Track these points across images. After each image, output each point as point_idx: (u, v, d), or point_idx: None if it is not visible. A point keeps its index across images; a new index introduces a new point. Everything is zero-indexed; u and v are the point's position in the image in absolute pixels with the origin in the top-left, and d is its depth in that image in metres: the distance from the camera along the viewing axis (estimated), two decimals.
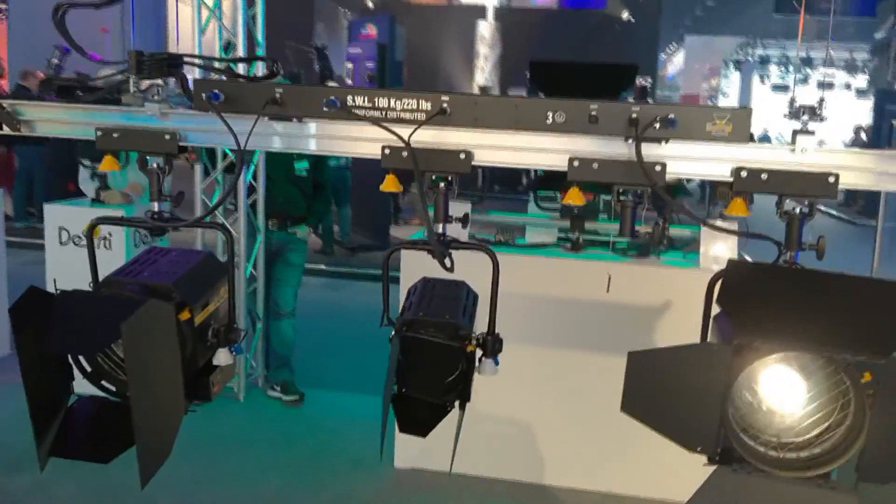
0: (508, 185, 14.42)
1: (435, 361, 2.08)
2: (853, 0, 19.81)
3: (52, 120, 2.33)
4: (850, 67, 24.94)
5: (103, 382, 2.27)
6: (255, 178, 5.98)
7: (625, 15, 20.73)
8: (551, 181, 4.53)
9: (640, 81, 4.30)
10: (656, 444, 2.00)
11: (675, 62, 34.18)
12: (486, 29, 21.56)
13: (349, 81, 14.93)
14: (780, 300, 1.80)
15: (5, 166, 11.59)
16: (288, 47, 17.99)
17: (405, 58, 15.54)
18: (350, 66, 19.67)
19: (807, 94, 24.53)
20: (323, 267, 10.71)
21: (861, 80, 23.49)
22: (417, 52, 19.01)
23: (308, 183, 6.09)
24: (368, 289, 9.57)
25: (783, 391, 1.98)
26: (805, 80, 24.42)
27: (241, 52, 5.76)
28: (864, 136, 18.46)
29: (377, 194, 10.33)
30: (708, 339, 2.06)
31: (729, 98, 30.67)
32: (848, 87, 24.06)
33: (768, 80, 28.14)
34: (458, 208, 2.31)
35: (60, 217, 5.78)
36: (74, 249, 5.61)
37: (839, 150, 1.93)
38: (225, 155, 5.77)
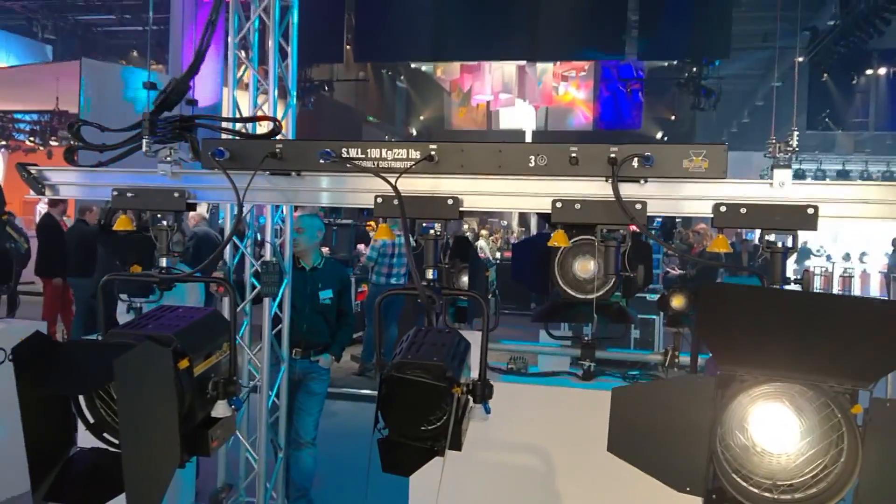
0: (519, 302, 14.34)
1: (422, 403, 2.08)
2: (888, 114, 19.97)
3: (73, 183, 2.48)
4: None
5: (105, 434, 2.32)
6: (280, 308, 5.91)
7: (659, 135, 21.16)
8: (556, 313, 4.54)
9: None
10: None
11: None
12: None
13: None
14: (762, 326, 1.78)
15: (61, 297, 11.87)
16: None
17: None
18: None
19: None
20: (353, 391, 10.55)
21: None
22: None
23: (333, 311, 6.08)
24: None
25: (776, 431, 1.94)
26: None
27: None
28: None
29: (412, 316, 10.35)
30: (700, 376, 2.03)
31: None
32: None
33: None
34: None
35: None
36: None
37: (816, 183, 1.98)
38: (253, 286, 5.79)
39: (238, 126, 2.56)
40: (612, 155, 2.03)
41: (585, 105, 25.47)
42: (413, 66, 27.47)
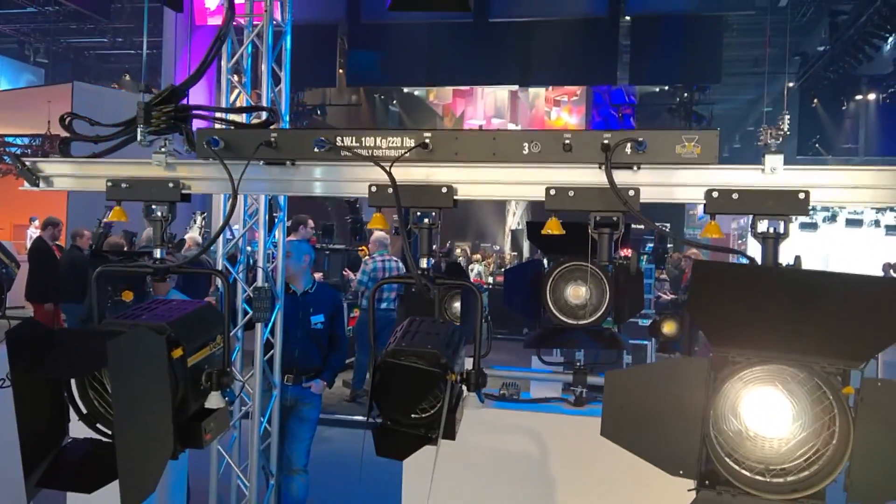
0: (511, 327, 14.29)
1: (416, 389, 2.08)
2: (878, 139, 20.13)
3: (68, 175, 2.48)
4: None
5: (98, 425, 2.31)
6: (272, 334, 5.87)
7: None
8: (548, 339, 4.54)
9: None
10: None
11: None
12: None
13: None
14: (755, 305, 1.79)
15: (51, 323, 11.73)
16: (328, 199, 18.66)
17: None
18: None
19: (834, 233, 24.46)
20: (344, 417, 10.41)
21: (889, 218, 23.41)
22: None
23: (324, 336, 6.03)
24: None
25: (768, 416, 1.94)
26: (833, 218, 24.44)
27: (262, 216, 5.85)
28: (892, 272, 18.25)
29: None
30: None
31: None
32: (877, 224, 23.99)
33: (796, 219, 28.15)
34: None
35: None
36: None
37: (808, 168, 1.98)
38: (245, 312, 5.74)
39: (232, 118, 2.56)
40: (605, 141, 2.04)
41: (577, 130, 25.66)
42: (406, 90, 27.58)
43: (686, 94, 20.76)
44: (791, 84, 21.05)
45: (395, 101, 28.46)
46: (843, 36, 18.79)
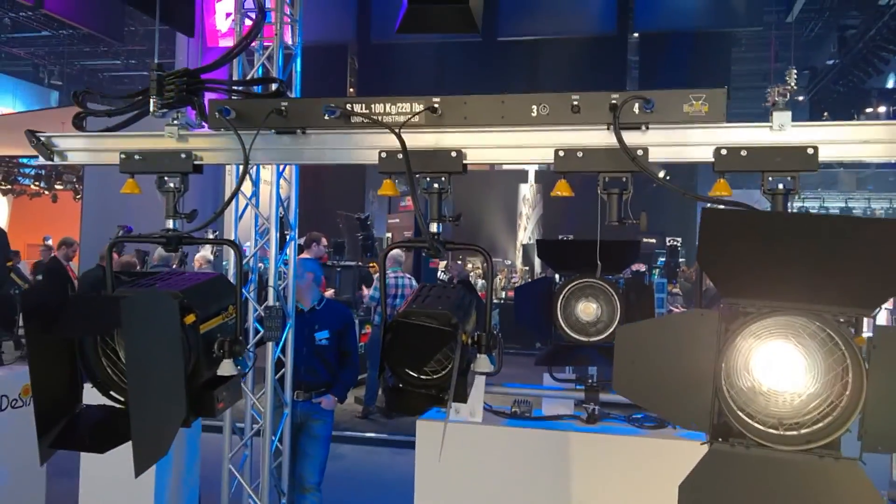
0: (522, 342, 14.23)
1: (428, 348, 2.09)
2: None
3: (81, 149, 2.52)
4: (892, 215, 24.90)
5: (112, 393, 2.32)
6: (283, 352, 5.91)
7: (661, 174, 21.29)
8: (560, 357, 4.53)
9: (670, 241, 4.41)
10: None
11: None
12: (527, 190, 22.29)
13: None
14: (764, 252, 1.78)
15: None
16: (339, 216, 18.74)
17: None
18: (389, 235, 20.41)
19: None
20: (357, 434, 10.23)
21: None
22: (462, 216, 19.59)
23: (330, 352, 6.04)
24: (400, 459, 8.93)
25: (781, 371, 1.92)
26: None
27: (273, 234, 5.92)
28: None
29: None
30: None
31: None
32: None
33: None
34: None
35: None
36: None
37: (816, 124, 1.99)
38: (256, 331, 5.83)
39: (244, 91, 2.59)
40: (613, 101, 2.06)
41: None
42: None
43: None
44: (801, 98, 21.05)
45: None
46: (851, 50, 18.82)
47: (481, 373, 2.20)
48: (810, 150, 1.97)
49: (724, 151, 2.02)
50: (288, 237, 6.06)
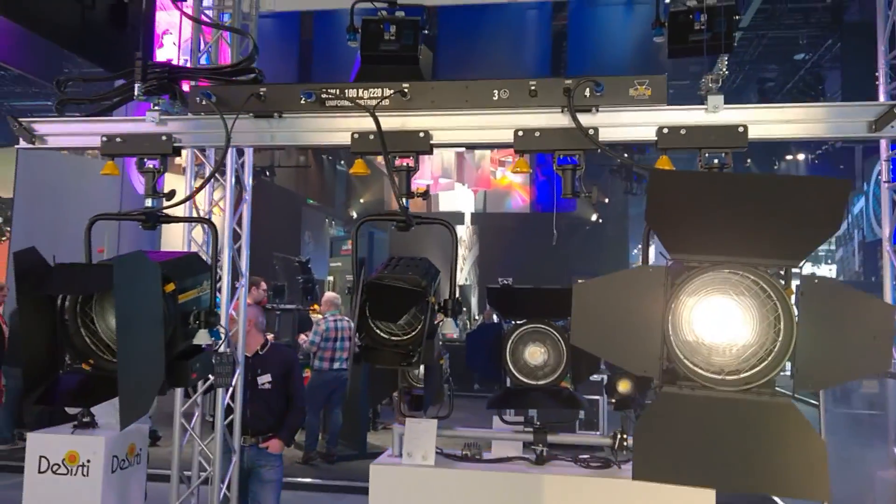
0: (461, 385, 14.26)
1: (400, 305, 2.25)
2: None
3: (63, 133, 2.63)
4: (814, 259, 25.84)
5: (90, 361, 2.41)
6: (232, 398, 5.92)
7: (594, 217, 21.93)
8: (509, 400, 4.68)
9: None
10: None
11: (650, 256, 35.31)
12: (463, 232, 22.61)
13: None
14: (705, 210, 2.00)
15: None
16: (276, 259, 18.64)
17: None
18: (331, 278, 20.36)
19: None
20: (298, 480, 10.12)
21: (825, 271, 24.30)
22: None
23: (274, 396, 5.97)
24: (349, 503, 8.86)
25: (720, 326, 2.14)
26: None
27: (226, 280, 5.91)
28: None
29: (356, 401, 10.08)
30: None
31: None
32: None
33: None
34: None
35: (42, 446, 5.14)
36: (52, 478, 5.07)
37: (745, 106, 2.25)
38: (206, 380, 5.82)
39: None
40: (567, 85, 2.28)
41: (522, 189, 26.19)
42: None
43: (626, 155, 21.54)
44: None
45: (342, 161, 28.78)
46: (771, 101, 19.82)
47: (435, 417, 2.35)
48: (741, 129, 2.22)
49: (665, 130, 2.26)
50: (238, 285, 6.11)
